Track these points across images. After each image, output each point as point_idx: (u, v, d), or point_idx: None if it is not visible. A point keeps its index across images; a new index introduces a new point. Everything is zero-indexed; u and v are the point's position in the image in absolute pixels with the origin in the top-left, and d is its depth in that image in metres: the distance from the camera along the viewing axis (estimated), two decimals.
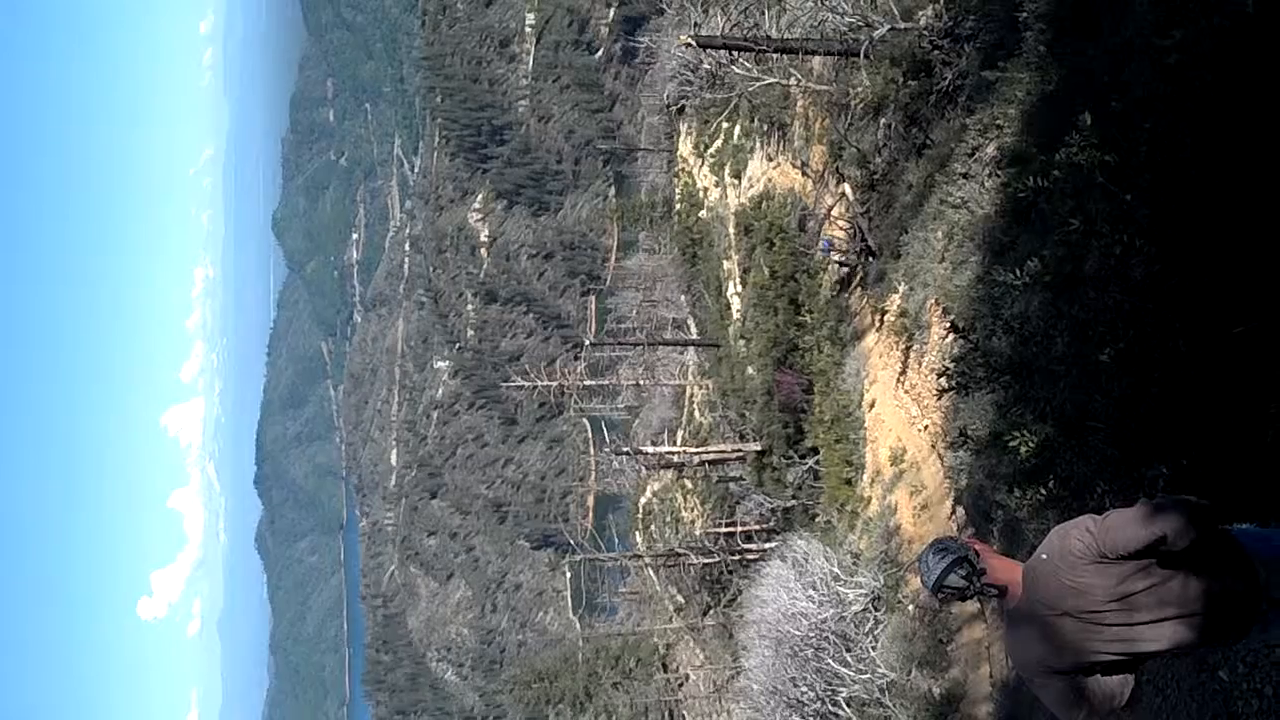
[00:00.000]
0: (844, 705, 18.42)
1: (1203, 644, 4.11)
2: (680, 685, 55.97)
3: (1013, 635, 4.45)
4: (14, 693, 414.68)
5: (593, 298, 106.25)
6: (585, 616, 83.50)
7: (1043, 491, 6.72)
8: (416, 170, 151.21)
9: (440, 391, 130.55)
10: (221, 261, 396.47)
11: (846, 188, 23.70)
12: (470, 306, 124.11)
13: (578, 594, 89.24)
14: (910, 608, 17.23)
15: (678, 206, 53.25)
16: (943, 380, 7.33)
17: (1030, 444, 6.35)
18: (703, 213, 46.54)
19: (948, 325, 7.29)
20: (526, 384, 47.95)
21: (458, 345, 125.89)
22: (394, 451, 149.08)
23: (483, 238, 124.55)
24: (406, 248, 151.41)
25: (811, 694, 19.02)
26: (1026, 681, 4.52)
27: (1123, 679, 4.22)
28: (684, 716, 55.43)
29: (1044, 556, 4.23)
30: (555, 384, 49.04)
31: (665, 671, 57.18)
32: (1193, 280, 5.50)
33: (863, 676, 17.91)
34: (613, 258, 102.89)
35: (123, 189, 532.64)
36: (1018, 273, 6.78)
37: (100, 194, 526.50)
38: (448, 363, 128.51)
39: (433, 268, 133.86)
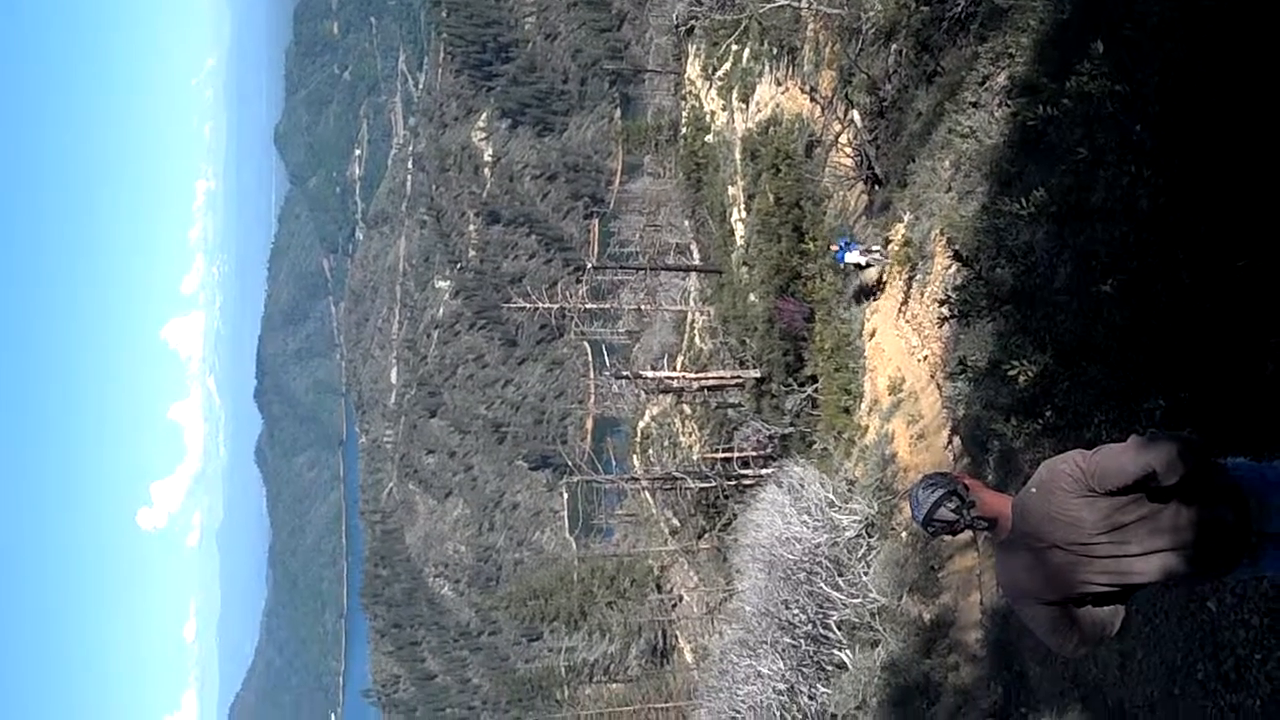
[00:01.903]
0: (835, 628, 18.71)
1: (1193, 575, 4.15)
2: (674, 606, 56.80)
3: (1003, 567, 4.50)
4: (13, 599, 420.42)
5: (596, 221, 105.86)
6: (581, 537, 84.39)
7: (1040, 421, 6.77)
8: (421, 87, 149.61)
9: (441, 311, 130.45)
10: (223, 174, 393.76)
11: (855, 114, 23.46)
12: (472, 226, 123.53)
13: (575, 514, 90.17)
14: (903, 535, 17.42)
15: (684, 130, 52.79)
16: (944, 308, 7.34)
17: (1029, 373, 6.38)
18: (709, 137, 46.15)
19: (951, 254, 7.26)
20: (527, 305, 47.89)
21: (459, 265, 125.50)
22: (394, 369, 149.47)
23: (486, 157, 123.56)
24: (409, 165, 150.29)
25: (803, 616, 19.30)
26: (1017, 611, 4.58)
27: (1113, 609, 4.27)
28: (676, 636, 56.34)
29: (1033, 490, 4.27)
30: (556, 306, 48.96)
31: (659, 592, 58.00)
32: (1198, 213, 5.48)
33: (854, 601, 18.16)
34: (617, 181, 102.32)
35: (124, 98, 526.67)
36: (1024, 202, 6.76)
37: (101, 103, 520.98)
38: (449, 282, 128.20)
39: (435, 186, 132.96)
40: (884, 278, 21.46)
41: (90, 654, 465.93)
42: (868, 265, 21.49)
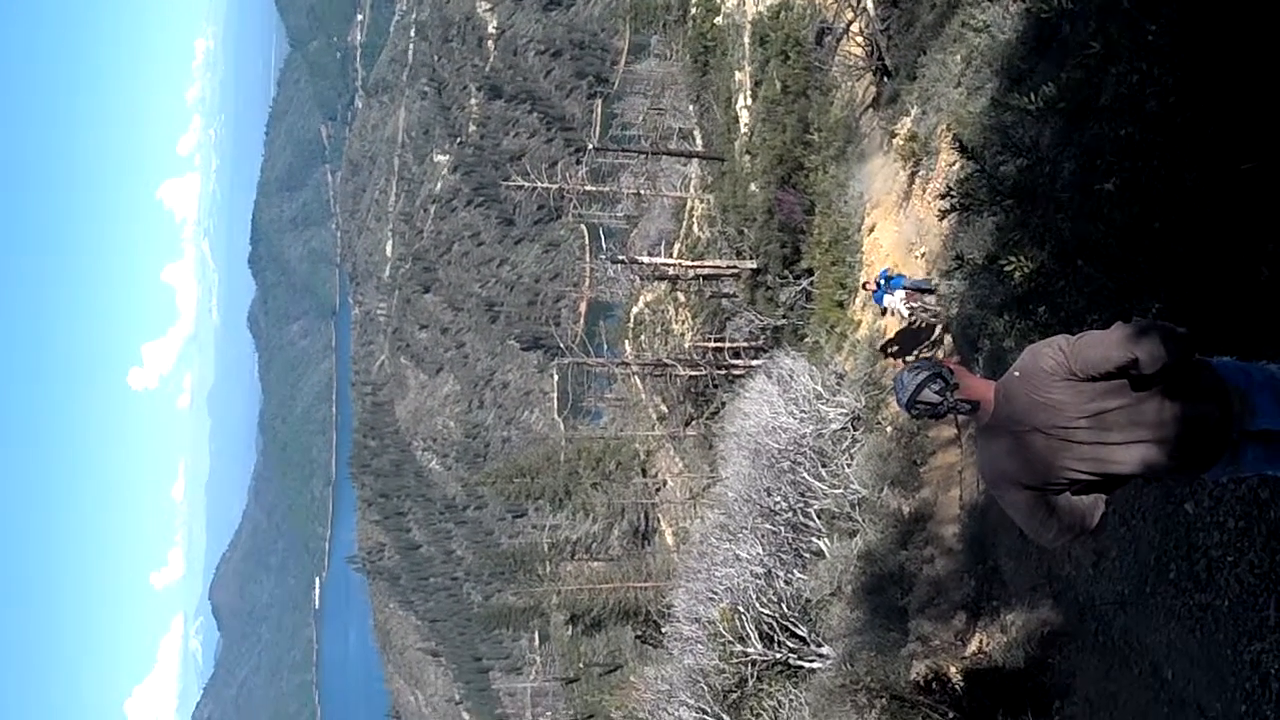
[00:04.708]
0: (815, 517, 19.01)
1: (1173, 469, 4.17)
2: (658, 490, 57.63)
3: (984, 451, 4.50)
4: (5, 453, 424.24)
5: (599, 101, 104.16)
6: (570, 418, 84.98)
7: (1032, 318, 6.79)
8: None
9: (439, 185, 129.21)
10: (223, 34, 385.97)
11: (868, 2, 22.99)
12: (474, 100, 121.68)
13: (564, 396, 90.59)
14: (888, 429, 17.60)
15: (693, 11, 51.65)
16: (944, 201, 7.31)
17: (1025, 269, 6.36)
18: (719, 19, 45.25)
19: (956, 146, 7.19)
20: (526, 184, 47.44)
21: (459, 140, 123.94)
22: (389, 242, 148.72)
23: (490, 29, 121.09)
24: (411, 33, 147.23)
25: (784, 504, 19.59)
26: (997, 497, 4.60)
27: (1094, 499, 4.29)
28: (659, 519, 57.29)
29: (1016, 374, 4.28)
30: (555, 187, 48.55)
31: (644, 476, 58.78)
32: (1207, 114, 5.41)
33: (835, 491, 18.42)
34: (622, 61, 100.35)
35: None
36: (1032, 97, 6.67)
37: None
38: (448, 157, 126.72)
39: (437, 57, 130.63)
40: (940, 337, 16.60)
41: (78, 510, 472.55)
42: (910, 317, 16.87)
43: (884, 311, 17.35)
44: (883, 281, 16.95)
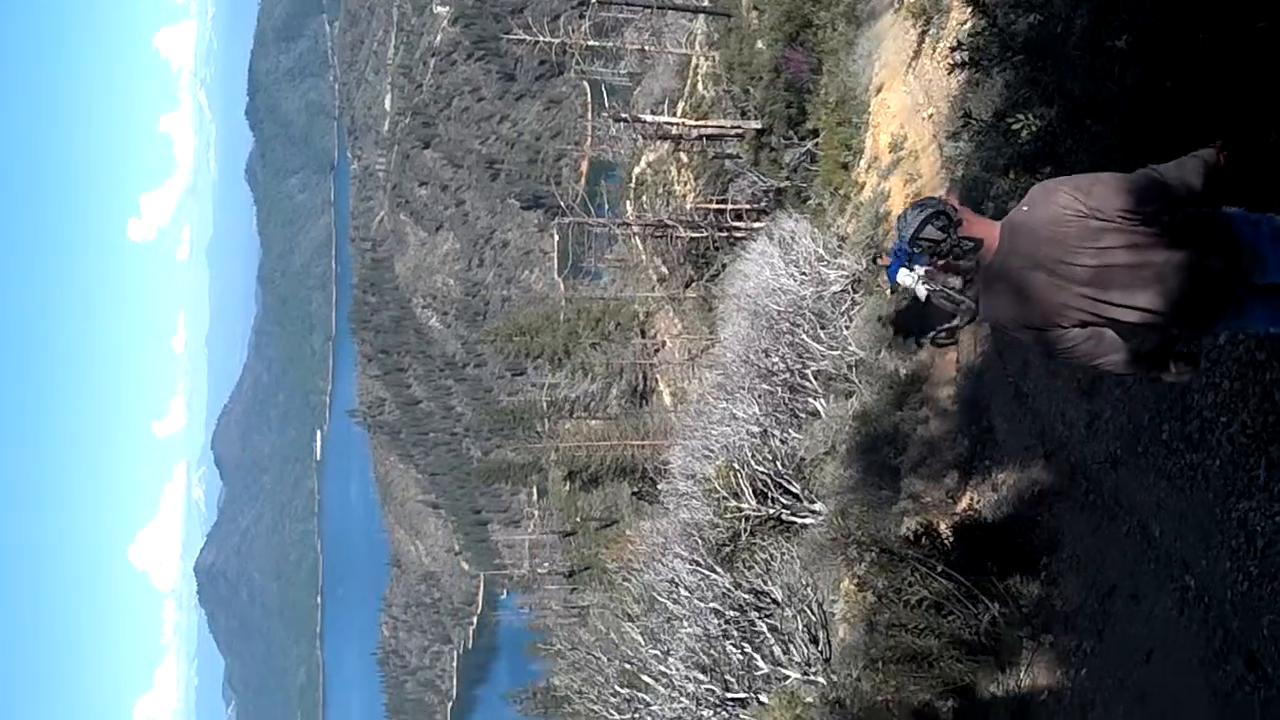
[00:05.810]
0: (812, 378, 19.23)
1: (1175, 319, 4.15)
2: (656, 351, 58.04)
3: (987, 293, 4.47)
4: (3, 302, 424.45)
5: None
6: (570, 278, 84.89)
7: (1038, 176, 6.76)
8: None
9: (439, 38, 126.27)
10: None
11: None
12: None
13: (564, 256, 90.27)
14: (888, 292, 17.65)
15: None
16: (954, 55, 7.22)
17: (1033, 128, 6.31)
18: None
19: (968, 3, 7.07)
20: (528, 38, 46.53)
21: None
22: (388, 96, 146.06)
23: None
24: None
25: (782, 365, 19.79)
26: (1005, 333, 4.61)
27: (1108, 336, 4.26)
28: (657, 380, 57.82)
29: (1024, 208, 4.27)
30: (557, 41, 47.64)
31: (643, 337, 59.14)
32: None
33: (833, 353, 18.60)
34: None
35: None
36: None
37: None
38: (447, 8, 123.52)
39: None
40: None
41: (77, 361, 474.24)
42: (928, 298, 14.79)
43: (894, 290, 15.24)
44: (896, 254, 14.94)
